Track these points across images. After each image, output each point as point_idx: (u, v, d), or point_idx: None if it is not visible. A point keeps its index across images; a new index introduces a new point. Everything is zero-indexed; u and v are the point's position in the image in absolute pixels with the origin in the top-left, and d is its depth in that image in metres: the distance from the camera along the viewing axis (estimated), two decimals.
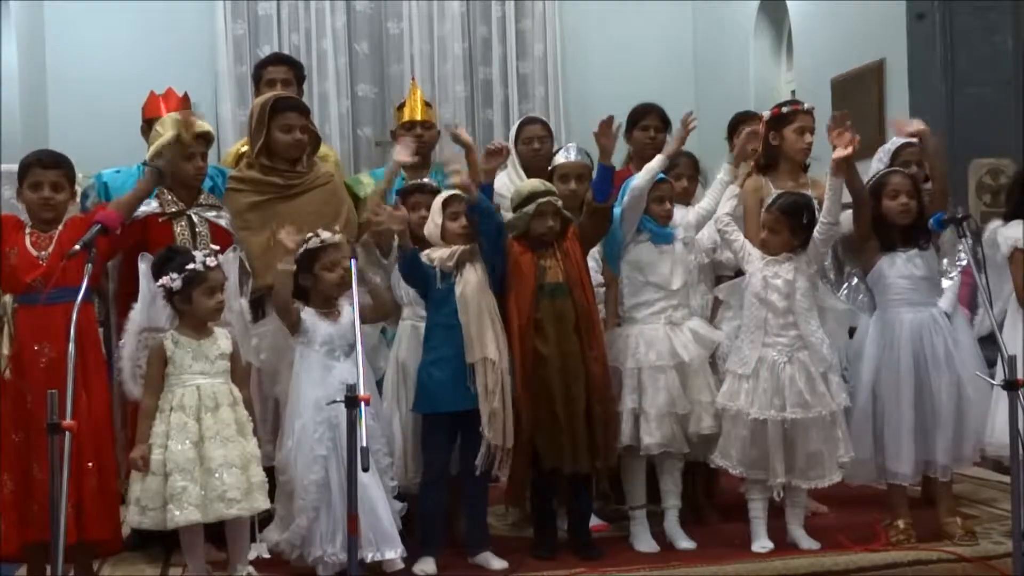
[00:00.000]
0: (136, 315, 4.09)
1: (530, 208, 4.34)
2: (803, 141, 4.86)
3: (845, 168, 4.28)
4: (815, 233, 4.39)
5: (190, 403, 3.89)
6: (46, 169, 4.02)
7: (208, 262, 3.97)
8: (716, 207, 4.57)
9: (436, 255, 4.29)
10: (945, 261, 4.49)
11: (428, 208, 4.42)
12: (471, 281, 4.25)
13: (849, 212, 4.49)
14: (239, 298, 4.28)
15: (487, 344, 4.20)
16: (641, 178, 4.45)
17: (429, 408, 4.26)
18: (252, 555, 3.97)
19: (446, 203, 4.34)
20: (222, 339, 4.02)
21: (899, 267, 4.39)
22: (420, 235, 4.38)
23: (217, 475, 3.82)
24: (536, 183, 4.47)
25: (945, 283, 4.67)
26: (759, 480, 4.35)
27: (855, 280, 4.56)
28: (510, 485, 4.36)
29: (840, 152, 4.27)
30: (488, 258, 4.31)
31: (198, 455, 3.84)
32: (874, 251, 4.44)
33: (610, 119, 4.39)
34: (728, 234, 4.46)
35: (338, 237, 4.17)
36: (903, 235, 4.39)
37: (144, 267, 4.11)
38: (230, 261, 4.22)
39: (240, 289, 4.34)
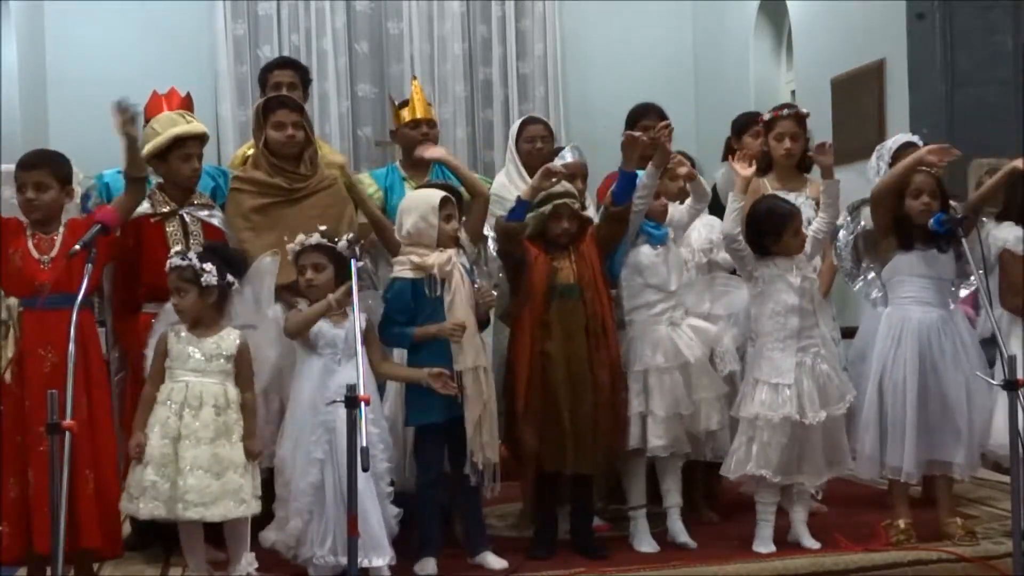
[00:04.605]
0: (170, 308, 4.06)
1: (546, 208, 4.33)
2: (782, 147, 4.99)
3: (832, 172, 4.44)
4: (815, 231, 4.41)
5: (176, 399, 3.89)
6: (26, 170, 3.96)
7: (171, 263, 3.96)
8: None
9: (432, 260, 4.17)
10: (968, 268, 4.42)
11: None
12: (460, 289, 4.20)
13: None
14: (273, 305, 4.18)
15: (479, 351, 4.20)
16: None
17: (423, 420, 4.21)
18: (243, 559, 3.96)
19: (442, 204, 4.22)
20: (227, 340, 3.99)
21: (915, 265, 4.37)
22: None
23: (183, 475, 3.81)
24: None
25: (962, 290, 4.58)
26: (774, 483, 4.32)
27: (871, 274, 4.55)
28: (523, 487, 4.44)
29: (824, 160, 4.45)
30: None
31: (175, 451, 3.84)
32: (892, 247, 4.42)
33: (635, 135, 4.44)
34: (741, 250, 4.35)
35: (314, 239, 4.07)
36: (924, 234, 4.35)
37: None
38: (267, 266, 4.15)
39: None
